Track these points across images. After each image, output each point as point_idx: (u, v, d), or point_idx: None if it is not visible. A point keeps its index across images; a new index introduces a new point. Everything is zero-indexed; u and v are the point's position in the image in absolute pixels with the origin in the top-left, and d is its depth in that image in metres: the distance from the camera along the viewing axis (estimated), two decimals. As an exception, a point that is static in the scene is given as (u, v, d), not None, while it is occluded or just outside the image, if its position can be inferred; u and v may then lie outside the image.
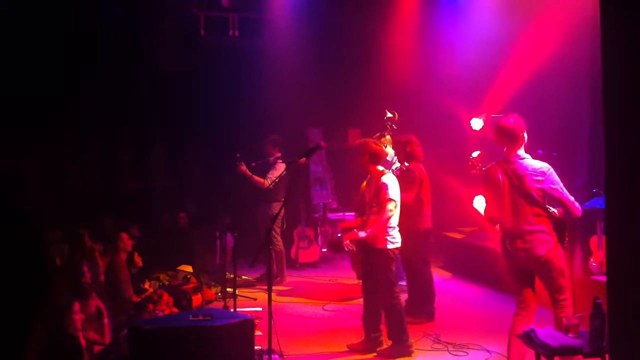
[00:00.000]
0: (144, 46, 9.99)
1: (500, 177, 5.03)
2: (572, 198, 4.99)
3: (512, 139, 5.04)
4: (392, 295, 6.02)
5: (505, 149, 5.09)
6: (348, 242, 6.12)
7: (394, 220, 6.01)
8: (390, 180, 6.01)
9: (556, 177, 4.97)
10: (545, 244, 4.96)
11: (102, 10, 9.50)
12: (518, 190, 4.97)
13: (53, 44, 9.24)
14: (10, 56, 8.51)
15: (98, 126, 10.11)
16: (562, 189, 4.95)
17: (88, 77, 9.67)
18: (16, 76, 8.64)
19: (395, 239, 6.01)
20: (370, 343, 6.14)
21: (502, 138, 5.10)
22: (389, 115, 7.62)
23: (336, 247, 6.51)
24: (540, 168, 4.99)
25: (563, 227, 5.06)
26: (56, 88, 9.38)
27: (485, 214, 5.36)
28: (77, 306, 5.28)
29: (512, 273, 5.16)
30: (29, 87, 8.97)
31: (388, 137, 7.89)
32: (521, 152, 5.06)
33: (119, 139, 10.52)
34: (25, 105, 8.91)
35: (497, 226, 5.24)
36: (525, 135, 5.09)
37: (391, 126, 7.67)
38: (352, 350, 6.13)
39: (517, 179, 4.98)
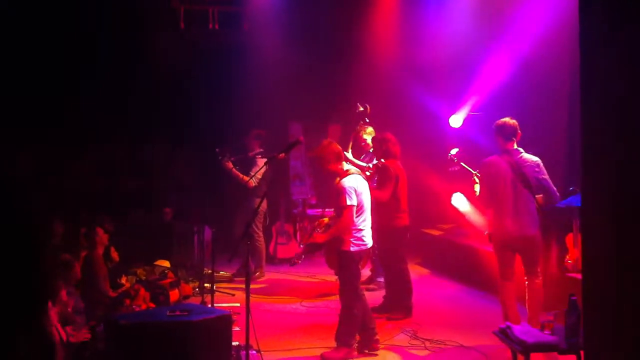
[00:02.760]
0: (135, 44, 9.92)
1: (504, 167, 5.91)
2: (554, 188, 5.93)
3: (515, 135, 5.97)
4: (351, 299, 5.88)
5: (506, 145, 5.97)
6: (296, 255, 6.20)
7: (363, 223, 5.88)
8: (351, 184, 5.81)
9: (544, 169, 5.92)
10: (535, 224, 5.94)
11: (102, 10, 9.41)
12: (520, 179, 5.86)
13: (53, 44, 9.15)
14: (10, 56, 8.41)
15: (89, 124, 10.02)
16: (549, 179, 5.90)
17: (88, 77, 9.61)
18: (16, 76, 8.54)
19: (361, 242, 5.86)
20: (363, 343, 6.04)
21: (505, 134, 5.98)
22: (361, 109, 7.63)
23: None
24: (536, 161, 5.94)
25: (540, 211, 6.02)
26: (56, 88, 9.33)
27: (481, 198, 6.29)
28: (49, 302, 5.21)
29: (503, 248, 6.01)
30: (29, 87, 8.89)
31: (370, 128, 7.90)
32: (518, 147, 5.98)
33: (100, 136, 10.42)
34: (25, 105, 8.83)
35: (483, 213, 6.33)
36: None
37: (364, 120, 7.69)
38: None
39: (520, 169, 5.87)
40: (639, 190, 3.02)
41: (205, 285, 7.61)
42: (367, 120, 7.69)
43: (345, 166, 6.05)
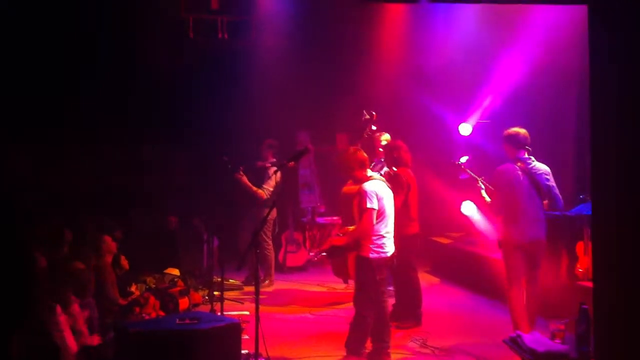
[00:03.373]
0: (137, 48, 9.95)
1: (519, 175, 6.13)
2: (559, 195, 6.23)
3: (527, 144, 6.20)
4: (364, 306, 5.81)
5: (517, 153, 6.19)
6: (315, 253, 6.15)
7: (384, 229, 5.80)
8: (372, 188, 5.77)
9: (552, 177, 6.22)
10: (544, 230, 6.19)
11: (102, 10, 9.45)
12: (534, 185, 6.12)
13: (53, 44, 9.20)
14: (11, 56, 8.47)
15: (89, 124, 10.04)
16: (556, 186, 6.19)
17: (88, 77, 9.65)
18: (16, 76, 8.59)
19: (381, 249, 5.78)
20: (374, 354, 5.94)
21: (518, 143, 6.20)
22: (367, 116, 7.62)
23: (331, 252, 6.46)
24: (547, 169, 6.22)
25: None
26: (56, 88, 9.38)
27: (493, 204, 6.45)
28: (59, 308, 5.22)
29: (514, 254, 6.13)
30: (29, 87, 8.95)
31: (387, 135, 7.83)
32: (529, 156, 6.21)
33: (110, 139, 10.46)
34: (25, 105, 8.89)
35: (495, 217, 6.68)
36: None
37: (370, 127, 7.67)
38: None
39: (533, 176, 6.13)
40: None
41: (215, 293, 7.61)
42: (374, 128, 7.68)
43: (369, 173, 6.00)
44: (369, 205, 5.70)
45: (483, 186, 6.66)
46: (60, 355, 4.88)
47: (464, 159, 7.13)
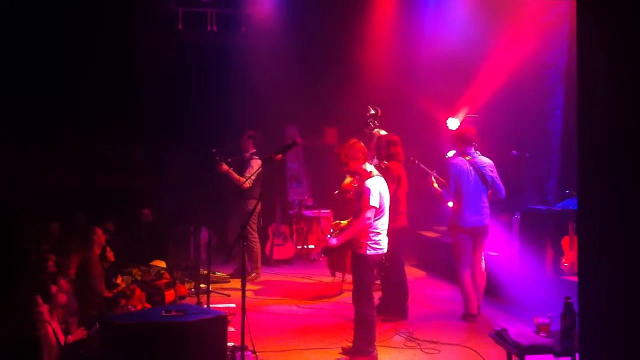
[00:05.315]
0: (128, 44, 9.90)
1: (467, 167, 6.94)
2: (502, 186, 7.02)
3: (474, 141, 7.01)
4: (365, 304, 5.80)
5: (466, 148, 7.01)
6: (315, 254, 6.20)
7: (381, 226, 5.79)
8: (375, 185, 5.72)
9: (496, 170, 7.04)
10: (489, 216, 7.03)
11: (102, 10, 9.40)
12: (480, 178, 6.92)
13: (53, 44, 9.14)
14: (11, 56, 8.40)
15: (88, 124, 10.00)
16: (499, 177, 7.00)
17: (88, 77, 9.61)
18: (16, 76, 8.53)
19: (378, 246, 5.77)
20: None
21: (466, 140, 7.01)
22: (372, 112, 7.60)
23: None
24: (491, 163, 7.03)
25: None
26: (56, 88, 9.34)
27: (443, 194, 7.12)
28: (39, 299, 5.17)
29: (464, 237, 7.00)
30: (29, 86, 8.90)
31: (384, 132, 7.77)
32: (476, 151, 7.04)
33: (99, 136, 10.40)
34: (25, 105, 8.84)
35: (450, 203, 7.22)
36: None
37: (374, 123, 7.65)
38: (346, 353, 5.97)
39: (479, 169, 6.92)
40: (636, 193, 3.02)
41: (201, 286, 7.60)
42: (377, 124, 7.66)
43: (369, 168, 5.91)
44: (372, 204, 5.66)
45: (435, 180, 7.29)
46: (40, 348, 4.84)
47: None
